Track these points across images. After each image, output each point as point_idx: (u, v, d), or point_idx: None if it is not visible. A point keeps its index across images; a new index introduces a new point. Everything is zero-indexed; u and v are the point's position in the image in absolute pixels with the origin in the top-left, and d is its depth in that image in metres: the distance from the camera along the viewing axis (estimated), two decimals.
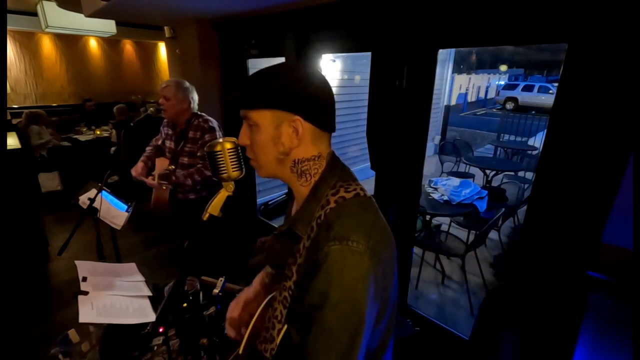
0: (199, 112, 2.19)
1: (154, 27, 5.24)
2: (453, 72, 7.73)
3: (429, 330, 2.14)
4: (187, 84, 2.14)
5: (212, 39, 3.25)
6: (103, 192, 1.57)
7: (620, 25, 1.11)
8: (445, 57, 6.97)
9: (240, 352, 0.79)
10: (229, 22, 3.03)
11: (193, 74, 3.32)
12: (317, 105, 0.68)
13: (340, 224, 0.63)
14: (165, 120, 2.26)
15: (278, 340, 0.68)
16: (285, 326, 0.67)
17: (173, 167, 2.14)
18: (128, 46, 7.60)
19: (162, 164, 2.20)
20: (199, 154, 2.11)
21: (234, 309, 0.93)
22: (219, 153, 0.77)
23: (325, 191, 0.69)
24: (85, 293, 1.13)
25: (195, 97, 2.17)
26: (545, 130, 1.46)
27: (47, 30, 4.70)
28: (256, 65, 3.54)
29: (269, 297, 0.78)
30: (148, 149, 2.30)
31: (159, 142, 2.30)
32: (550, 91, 13.67)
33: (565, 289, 1.38)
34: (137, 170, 2.12)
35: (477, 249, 2.82)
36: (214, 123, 2.17)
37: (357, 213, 0.66)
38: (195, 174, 2.07)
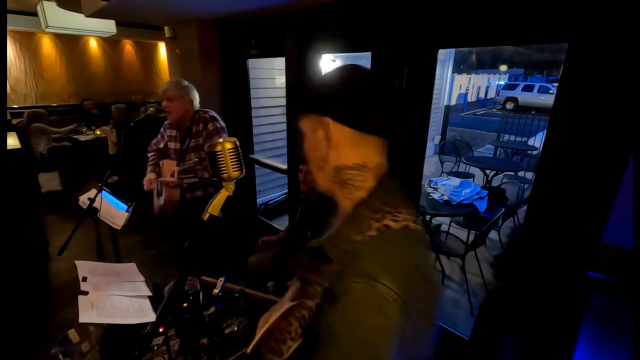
0: (200, 109, 2.21)
1: (154, 27, 5.24)
2: (453, 72, 7.73)
3: None
4: (185, 82, 2.15)
5: (212, 39, 3.25)
6: (103, 192, 1.57)
7: (620, 25, 1.11)
8: (445, 57, 6.97)
9: (248, 352, 0.77)
10: (229, 22, 3.03)
11: (193, 74, 3.32)
12: (349, 104, 0.60)
13: (373, 259, 0.54)
14: (166, 122, 2.26)
15: (286, 355, 0.63)
16: (297, 343, 0.62)
17: (196, 159, 2.12)
18: (128, 46, 7.60)
19: (170, 165, 2.19)
20: (204, 145, 2.11)
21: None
22: (219, 153, 0.77)
23: (368, 213, 0.60)
24: (85, 293, 1.13)
25: (195, 94, 2.18)
26: (545, 130, 1.46)
27: (47, 30, 4.70)
28: (256, 65, 3.54)
29: (289, 306, 0.73)
30: (150, 155, 2.28)
31: (160, 145, 2.29)
32: (550, 91, 13.68)
33: (565, 289, 1.38)
34: (150, 182, 2.12)
35: (477, 249, 2.82)
36: (213, 113, 2.19)
37: (397, 250, 0.56)
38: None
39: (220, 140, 0.78)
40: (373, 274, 0.51)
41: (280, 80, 3.94)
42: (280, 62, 3.08)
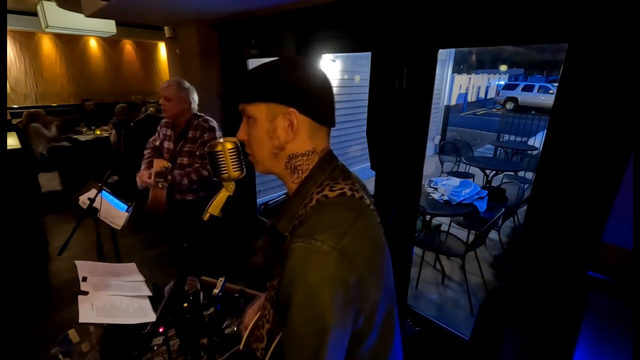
0: (198, 113, 2.19)
1: (154, 27, 5.24)
2: (453, 72, 7.73)
3: (429, 330, 2.14)
4: (187, 84, 2.14)
5: (212, 39, 3.25)
6: (103, 192, 1.57)
7: (620, 25, 1.11)
8: (445, 57, 6.97)
9: (241, 348, 0.79)
10: (229, 22, 3.03)
11: (193, 74, 3.32)
12: (313, 97, 0.66)
13: (311, 222, 0.60)
14: (163, 121, 2.26)
15: (267, 339, 0.67)
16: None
17: (169, 165, 2.14)
18: (128, 46, 7.60)
19: (158, 165, 2.19)
20: (197, 153, 2.11)
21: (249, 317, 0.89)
22: (219, 153, 0.76)
23: (310, 188, 0.67)
24: (85, 293, 1.13)
25: (195, 97, 2.17)
26: (545, 130, 1.46)
27: (47, 30, 4.70)
28: (256, 65, 3.53)
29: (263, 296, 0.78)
30: (146, 152, 2.29)
31: (157, 143, 2.29)
32: (550, 91, 13.68)
33: (565, 289, 1.38)
34: (142, 179, 2.11)
35: (477, 249, 2.82)
36: (214, 123, 2.18)
37: (334, 212, 0.62)
38: (192, 173, 2.07)
39: (221, 140, 0.78)
40: (310, 233, 0.57)
41: None
42: None
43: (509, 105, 15.04)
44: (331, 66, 4.78)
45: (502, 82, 19.59)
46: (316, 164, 0.69)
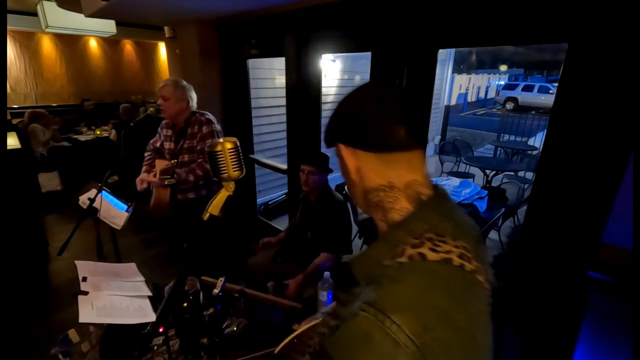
0: (197, 110, 2.19)
1: (154, 27, 5.24)
2: (453, 72, 7.73)
3: None
4: (184, 82, 2.14)
5: (212, 39, 3.25)
6: (103, 192, 1.57)
7: (620, 26, 1.11)
8: (445, 57, 6.98)
9: (276, 352, 0.76)
10: (229, 22, 3.03)
11: (193, 74, 3.32)
12: (356, 126, 0.56)
13: (392, 289, 0.46)
14: (163, 122, 2.25)
15: None
16: None
17: (175, 161, 2.12)
18: (128, 46, 7.59)
19: (161, 165, 2.19)
20: (198, 147, 2.11)
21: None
22: (219, 153, 0.77)
23: (403, 237, 0.51)
24: (85, 293, 1.13)
25: (193, 95, 2.17)
26: (545, 130, 1.46)
27: (47, 30, 4.70)
28: (256, 65, 3.54)
29: (318, 320, 0.71)
30: (147, 154, 2.29)
31: (157, 144, 2.29)
32: (550, 91, 13.69)
33: (565, 288, 1.38)
34: (141, 181, 2.07)
35: None
36: (210, 116, 2.17)
37: (427, 286, 0.46)
38: (197, 168, 2.06)
39: (221, 140, 0.78)
40: (385, 306, 0.43)
41: (280, 80, 3.94)
42: (280, 62, 3.08)
43: (509, 105, 15.05)
44: (331, 66, 4.79)
45: (502, 82, 19.60)
46: (414, 207, 0.55)
